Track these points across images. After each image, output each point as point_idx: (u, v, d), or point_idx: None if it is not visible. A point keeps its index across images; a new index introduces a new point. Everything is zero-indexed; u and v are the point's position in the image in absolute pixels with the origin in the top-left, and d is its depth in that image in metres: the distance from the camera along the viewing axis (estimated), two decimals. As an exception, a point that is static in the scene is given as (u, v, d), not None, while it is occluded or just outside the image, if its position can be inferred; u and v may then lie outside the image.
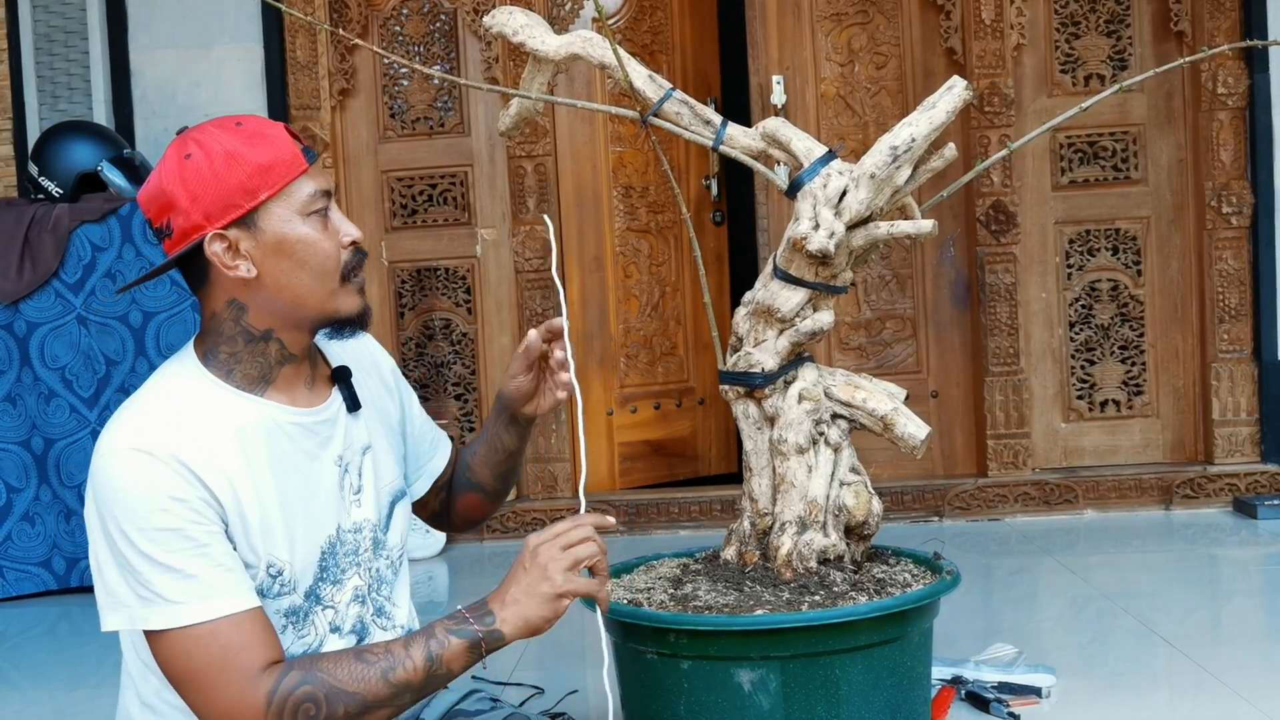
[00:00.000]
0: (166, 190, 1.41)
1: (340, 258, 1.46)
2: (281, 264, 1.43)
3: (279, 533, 1.43)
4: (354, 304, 1.49)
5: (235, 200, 1.40)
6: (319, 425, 1.50)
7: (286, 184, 1.42)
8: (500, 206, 4.06)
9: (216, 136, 1.42)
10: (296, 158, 1.43)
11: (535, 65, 1.92)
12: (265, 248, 1.42)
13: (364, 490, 1.55)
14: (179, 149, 1.43)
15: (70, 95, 3.99)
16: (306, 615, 1.48)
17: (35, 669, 2.87)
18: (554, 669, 2.56)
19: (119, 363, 3.45)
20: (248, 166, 1.40)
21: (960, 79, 1.76)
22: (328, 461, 1.51)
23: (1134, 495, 3.82)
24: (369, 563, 1.55)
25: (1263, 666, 2.37)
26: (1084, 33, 3.93)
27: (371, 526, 1.55)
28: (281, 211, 1.43)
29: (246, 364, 1.46)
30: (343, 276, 1.47)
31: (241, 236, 1.42)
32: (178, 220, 1.41)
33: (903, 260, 4.04)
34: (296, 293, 1.44)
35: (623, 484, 4.13)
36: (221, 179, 1.40)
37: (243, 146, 1.41)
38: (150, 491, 1.35)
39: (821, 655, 1.62)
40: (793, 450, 1.77)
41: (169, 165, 1.42)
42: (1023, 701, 2.20)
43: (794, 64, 4.01)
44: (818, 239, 1.70)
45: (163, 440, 1.37)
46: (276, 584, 1.44)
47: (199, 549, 1.35)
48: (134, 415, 1.41)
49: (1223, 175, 3.81)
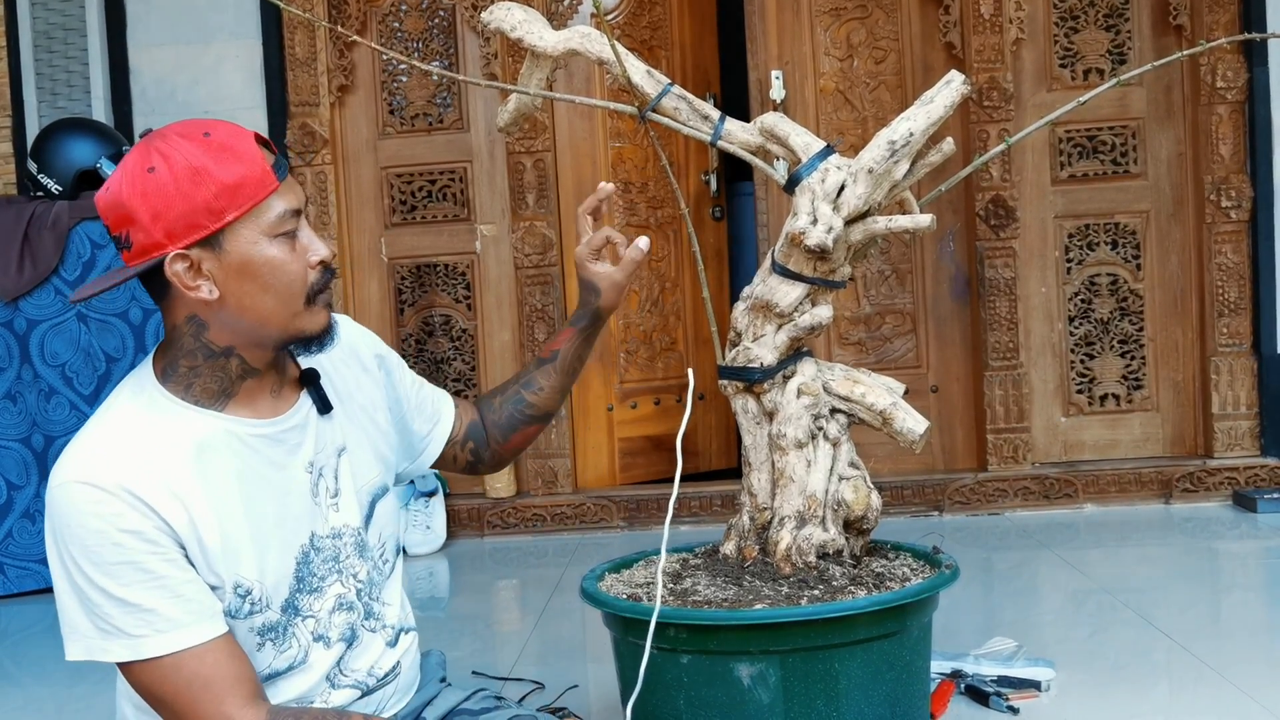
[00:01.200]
0: (126, 203, 1.35)
1: (307, 279, 1.41)
2: (245, 286, 1.37)
3: (245, 551, 1.40)
4: (319, 322, 1.44)
5: (199, 221, 1.34)
6: (285, 433, 1.46)
7: (255, 204, 1.35)
8: (500, 203, 4.06)
9: (182, 149, 1.34)
10: (266, 175, 1.36)
11: (533, 61, 1.92)
12: (229, 269, 1.36)
13: (342, 494, 1.52)
14: (142, 159, 1.35)
15: (69, 92, 3.99)
16: (286, 629, 1.45)
17: (37, 666, 2.88)
18: (554, 664, 2.57)
19: (119, 359, 3.45)
20: (214, 185, 1.33)
21: (958, 74, 1.76)
22: (297, 469, 1.47)
23: (1134, 489, 3.82)
24: (352, 568, 1.52)
25: (1262, 660, 2.37)
26: (1083, 27, 3.93)
27: (353, 531, 1.52)
28: (248, 233, 1.36)
29: (206, 378, 1.41)
30: (308, 298, 1.41)
31: (204, 257, 1.35)
32: (137, 235, 1.35)
33: (902, 255, 4.04)
34: (260, 314, 1.39)
35: (623, 479, 4.13)
36: (186, 197, 1.33)
37: (210, 162, 1.33)
38: (101, 525, 1.31)
39: (821, 649, 1.62)
40: (792, 445, 1.77)
41: (130, 176, 1.35)
42: (1022, 695, 2.20)
43: (793, 59, 4.01)
44: (816, 234, 1.70)
45: (112, 471, 1.33)
46: (246, 603, 1.41)
47: (155, 581, 1.33)
48: (84, 446, 1.37)
49: (1222, 169, 3.81)
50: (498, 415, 1.78)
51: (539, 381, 1.78)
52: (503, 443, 1.79)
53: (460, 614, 3.10)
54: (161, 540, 1.34)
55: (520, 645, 2.74)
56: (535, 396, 1.78)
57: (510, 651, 2.70)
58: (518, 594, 3.40)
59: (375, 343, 1.67)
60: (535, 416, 1.79)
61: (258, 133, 1.39)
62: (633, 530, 3.88)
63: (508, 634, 2.94)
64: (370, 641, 1.54)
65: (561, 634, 2.83)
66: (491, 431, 1.79)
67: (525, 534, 3.92)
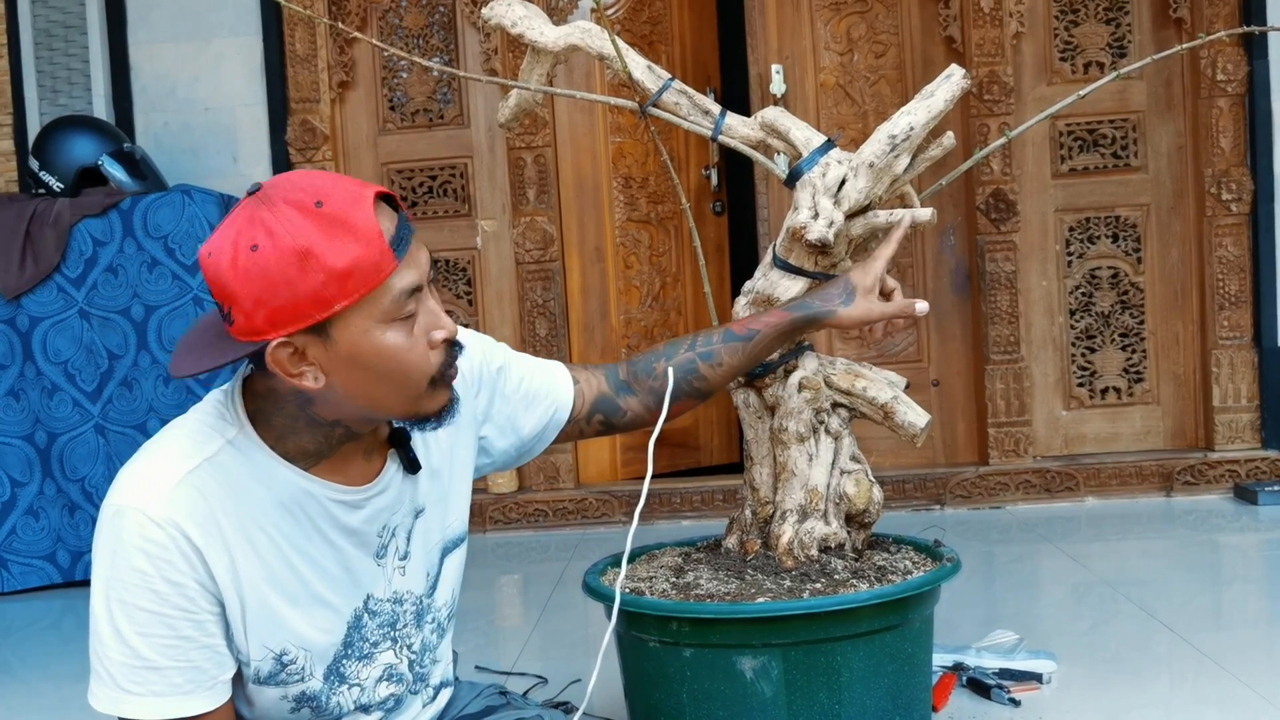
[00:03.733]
0: (226, 282, 1.20)
1: (430, 363, 1.26)
2: (356, 375, 1.23)
3: (296, 618, 1.32)
4: (440, 402, 1.29)
5: (305, 310, 1.18)
6: (366, 502, 1.35)
7: (369, 291, 1.19)
8: (500, 198, 4.06)
9: (292, 224, 1.18)
10: (384, 256, 1.19)
11: (534, 56, 1.93)
12: (336, 359, 1.22)
13: (411, 557, 1.42)
14: (248, 231, 1.19)
15: (70, 90, 4.00)
16: (329, 698, 1.37)
17: (40, 662, 2.88)
18: (556, 659, 2.57)
19: (121, 356, 3.46)
20: (323, 272, 1.17)
21: (958, 67, 1.76)
22: (370, 533, 1.36)
23: (1135, 482, 3.83)
24: (408, 638, 1.43)
25: (1263, 652, 2.38)
26: (1083, 20, 3.93)
27: (415, 599, 1.43)
28: (360, 321, 1.20)
29: (304, 439, 1.29)
30: (431, 382, 1.27)
31: (310, 343, 1.21)
32: (238, 316, 1.21)
33: (903, 249, 4.02)
34: (372, 400, 1.25)
35: (625, 475, 4.14)
36: (291, 284, 1.17)
37: (320, 241, 1.17)
38: (145, 566, 1.22)
39: (823, 642, 1.63)
40: (793, 439, 1.78)
41: (233, 252, 1.19)
42: (1024, 688, 2.20)
43: (793, 53, 4.01)
44: (817, 228, 1.71)
45: (175, 509, 1.23)
46: (285, 671, 1.33)
47: (175, 640, 1.24)
48: (154, 469, 1.26)
49: (1222, 162, 3.81)
50: (659, 381, 1.62)
51: (722, 356, 1.63)
52: (655, 409, 1.63)
53: (463, 609, 3.09)
54: (199, 599, 1.25)
55: (523, 640, 2.75)
56: (711, 371, 1.63)
57: (513, 646, 2.70)
58: (520, 589, 3.40)
59: (484, 354, 1.53)
60: (703, 391, 1.64)
61: (382, 189, 1.23)
62: (635, 525, 3.88)
63: (511, 629, 2.95)
64: (411, 704, 1.48)
65: (564, 628, 2.84)
66: (641, 395, 1.64)
67: (527, 529, 3.93)
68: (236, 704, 1.35)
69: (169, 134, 4.01)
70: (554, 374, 1.61)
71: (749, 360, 1.66)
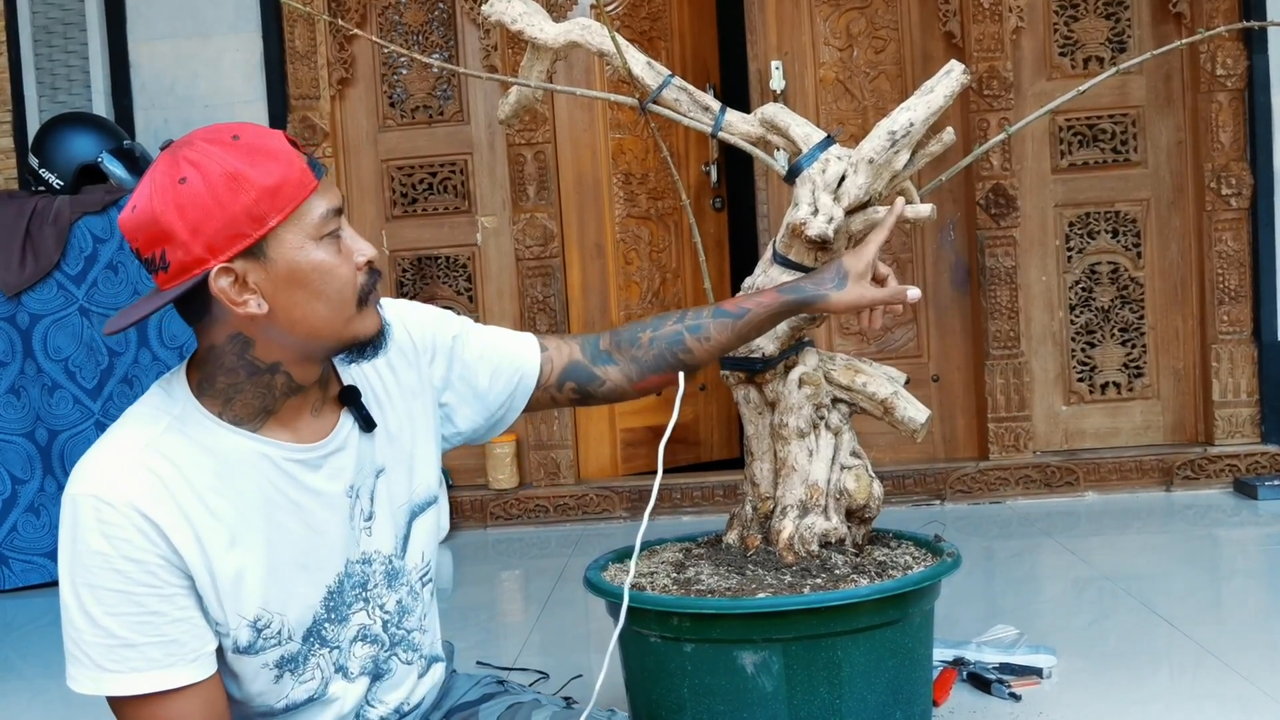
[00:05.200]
0: (159, 219, 1.24)
1: (357, 281, 1.33)
2: (295, 295, 1.28)
3: (267, 583, 1.33)
4: (372, 325, 1.36)
5: (242, 229, 1.24)
6: (325, 459, 1.38)
7: (297, 206, 1.27)
8: (500, 194, 4.07)
9: (214, 155, 1.24)
10: (305, 175, 1.28)
11: (534, 53, 1.93)
12: (276, 279, 1.27)
13: (376, 517, 1.44)
14: (170, 170, 1.25)
15: (70, 87, 4.00)
16: (306, 659, 1.38)
17: (42, 659, 2.89)
18: (558, 654, 2.58)
19: (122, 354, 3.46)
20: (253, 189, 1.24)
21: (958, 63, 1.76)
22: (336, 494, 1.39)
23: (1135, 477, 3.83)
24: (380, 597, 1.44)
25: (1263, 646, 2.38)
26: (1083, 15, 3.93)
27: (384, 558, 1.45)
28: (292, 238, 1.27)
29: (248, 395, 1.33)
30: (360, 300, 1.33)
31: (249, 268, 1.26)
32: (175, 254, 1.25)
33: (903, 245, 4.04)
34: (312, 325, 1.30)
35: (625, 470, 4.14)
36: (224, 205, 1.23)
37: (245, 166, 1.24)
38: (105, 547, 1.24)
39: (823, 637, 1.63)
40: (794, 434, 1.78)
41: (161, 190, 1.24)
42: (1024, 682, 2.21)
43: (793, 49, 4.01)
44: (816, 224, 1.71)
45: (126, 488, 1.25)
46: (262, 638, 1.33)
47: (146, 616, 1.26)
48: (102, 456, 1.29)
49: (1222, 157, 3.81)
50: (643, 351, 1.63)
51: (710, 331, 1.63)
52: (637, 380, 1.64)
53: (464, 605, 3.11)
54: (163, 573, 1.26)
55: (524, 635, 2.75)
56: (698, 345, 1.63)
57: (514, 642, 2.71)
58: (521, 584, 3.41)
59: (436, 323, 1.56)
60: (687, 364, 1.64)
61: (285, 132, 1.33)
62: (635, 520, 3.89)
63: (512, 624, 2.95)
64: (404, 674, 1.48)
65: (565, 624, 2.84)
66: (622, 364, 1.63)
67: (528, 525, 3.93)
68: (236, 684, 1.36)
69: (169, 131, 4.01)
70: (520, 342, 1.63)
71: (737, 338, 1.65)
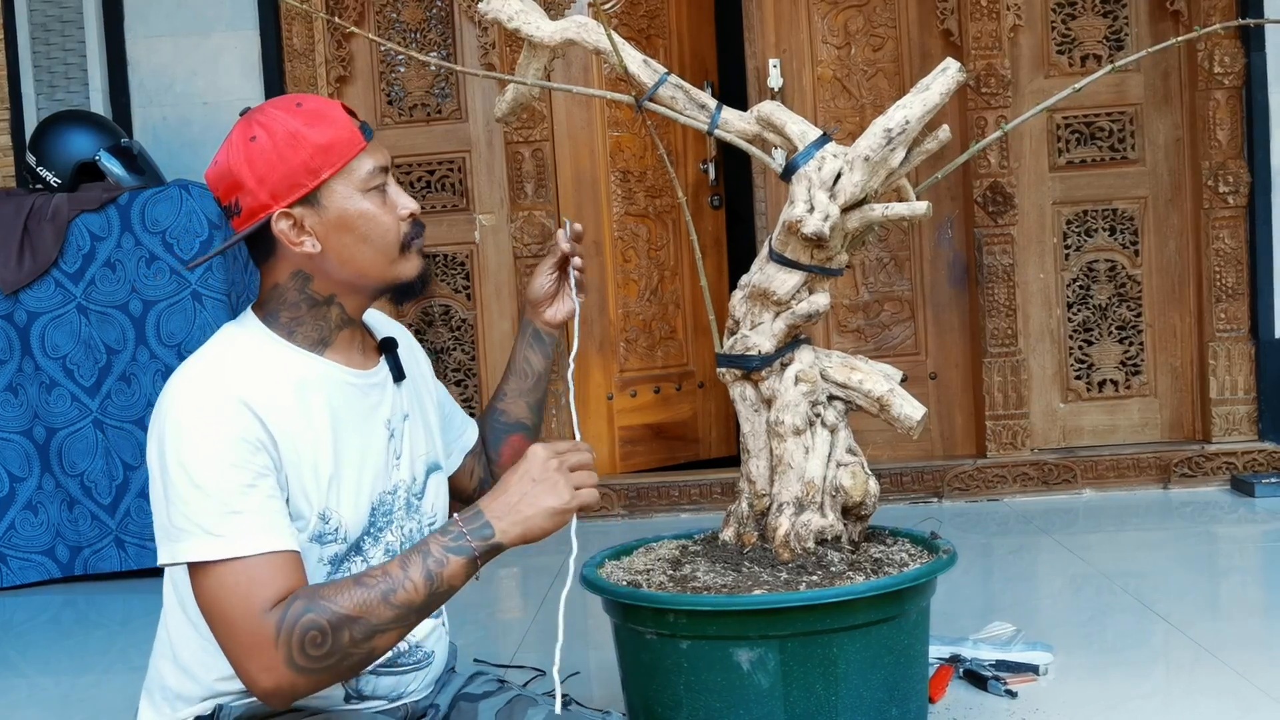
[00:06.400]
0: (234, 171, 1.47)
1: (400, 230, 1.53)
2: (344, 238, 1.50)
3: (335, 485, 1.48)
4: (415, 267, 1.55)
5: (299, 180, 1.47)
6: (371, 388, 1.56)
7: (347, 162, 1.48)
8: (498, 192, 4.07)
9: (279, 118, 1.47)
10: (355, 136, 1.49)
11: (530, 51, 1.93)
12: (329, 224, 1.49)
13: (403, 455, 1.60)
14: (244, 131, 1.48)
15: (67, 85, 4.00)
16: (343, 563, 1.51)
17: (41, 657, 2.89)
18: (555, 651, 2.58)
19: (120, 351, 3.46)
20: (309, 146, 1.46)
21: (954, 61, 1.76)
22: (379, 424, 1.56)
23: (1132, 474, 3.84)
24: (402, 521, 1.58)
25: (1259, 643, 2.39)
26: (1080, 13, 3.93)
27: (406, 487, 1.59)
28: (343, 189, 1.49)
29: (308, 326, 1.52)
30: (402, 246, 1.53)
31: (306, 214, 1.48)
32: (245, 200, 1.48)
33: (901, 242, 4.04)
34: (360, 265, 1.51)
35: (623, 467, 4.14)
36: (285, 160, 1.46)
37: (304, 127, 1.47)
38: (211, 425, 1.39)
39: (819, 634, 1.63)
40: (789, 432, 1.78)
41: (235, 147, 1.48)
42: (1020, 679, 2.21)
43: (790, 47, 4.01)
44: (812, 222, 1.71)
45: (228, 381, 1.42)
46: (327, 528, 1.48)
47: (248, 486, 1.38)
48: (200, 360, 1.47)
49: (1219, 154, 3.82)
50: (486, 432, 1.86)
51: (505, 388, 1.85)
52: (496, 460, 1.85)
53: (462, 602, 3.10)
54: (260, 456, 1.40)
55: (522, 633, 2.75)
56: (504, 404, 1.85)
57: (512, 639, 2.71)
58: (519, 582, 3.41)
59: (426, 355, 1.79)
60: (510, 425, 1.85)
61: (343, 103, 1.54)
62: (633, 518, 3.89)
63: (509, 621, 2.96)
64: None
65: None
66: (489, 452, 1.86)
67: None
68: None
69: (167, 129, 4.01)
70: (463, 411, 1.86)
71: (520, 378, 1.85)
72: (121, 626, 3.14)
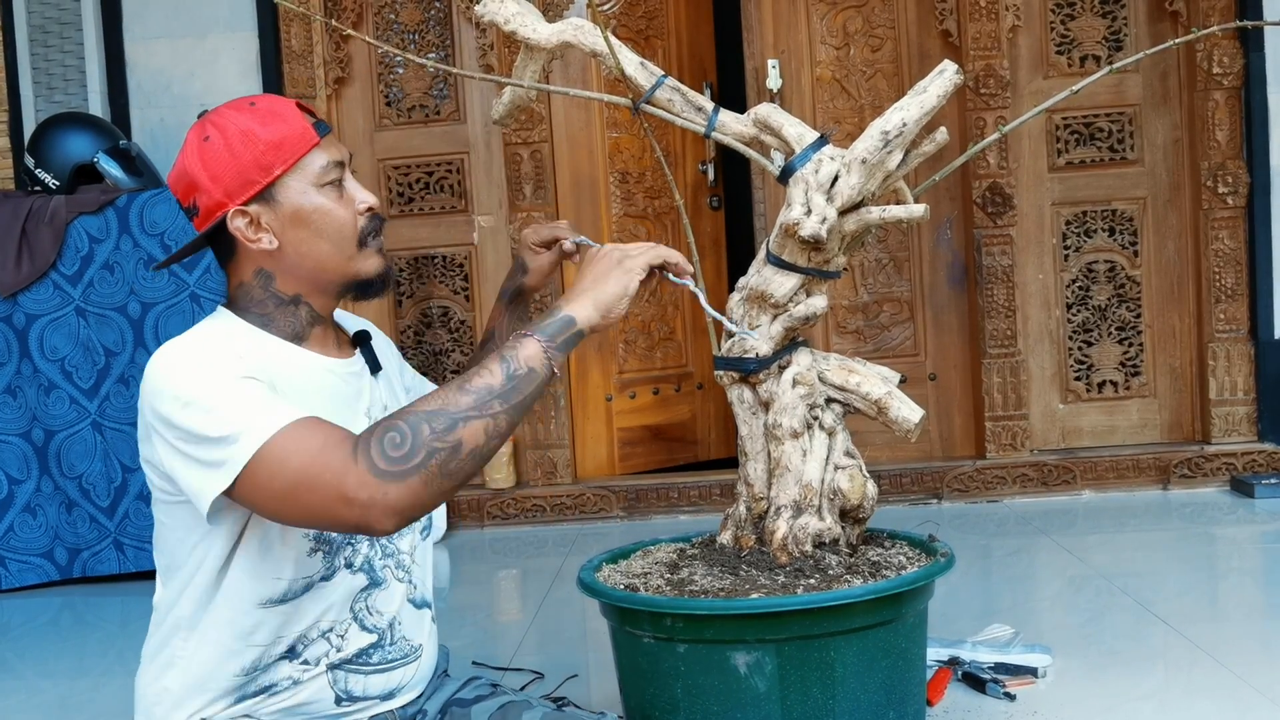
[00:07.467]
0: (190, 172, 1.50)
1: (356, 224, 1.54)
2: (300, 234, 1.51)
3: None
4: (374, 265, 1.56)
5: (252, 176, 1.48)
6: (351, 377, 1.58)
7: (300, 157, 1.50)
8: (497, 193, 4.06)
9: (231, 117, 1.50)
10: (307, 132, 1.51)
11: (527, 53, 1.92)
12: (284, 219, 1.50)
13: None
14: (198, 132, 1.51)
15: (65, 87, 3.99)
16: (330, 539, 1.52)
17: (39, 660, 2.89)
18: (554, 653, 2.58)
19: (118, 353, 3.46)
20: (262, 144, 1.48)
21: (951, 63, 1.76)
22: (359, 414, 1.57)
23: (1131, 475, 3.83)
24: None
25: (1259, 644, 2.39)
26: (1079, 14, 3.93)
27: None
28: (297, 184, 1.50)
29: (280, 323, 1.54)
30: (360, 241, 1.54)
31: (261, 211, 1.49)
32: (202, 199, 1.50)
33: (900, 243, 4.04)
34: (318, 259, 1.52)
35: (622, 469, 4.14)
36: (238, 157, 1.48)
37: (256, 125, 1.49)
38: (205, 366, 1.40)
39: (817, 638, 1.63)
40: (787, 434, 1.78)
41: (190, 148, 1.50)
42: (1019, 681, 2.21)
43: (789, 48, 4.01)
44: (810, 224, 1.71)
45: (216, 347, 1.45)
46: None
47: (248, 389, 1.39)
48: (181, 340, 1.47)
49: (1218, 155, 3.81)
50: None
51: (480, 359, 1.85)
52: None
53: (461, 604, 3.11)
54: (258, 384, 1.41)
55: (520, 635, 2.75)
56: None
57: (510, 641, 2.71)
58: (518, 584, 3.41)
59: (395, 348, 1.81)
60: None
61: (299, 100, 1.57)
62: (632, 520, 3.89)
63: (508, 624, 2.95)
64: (395, 590, 1.60)
65: (561, 624, 2.84)
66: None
67: (525, 524, 3.93)
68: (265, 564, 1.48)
69: (165, 130, 4.01)
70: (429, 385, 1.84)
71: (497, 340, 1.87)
72: (120, 629, 3.14)
